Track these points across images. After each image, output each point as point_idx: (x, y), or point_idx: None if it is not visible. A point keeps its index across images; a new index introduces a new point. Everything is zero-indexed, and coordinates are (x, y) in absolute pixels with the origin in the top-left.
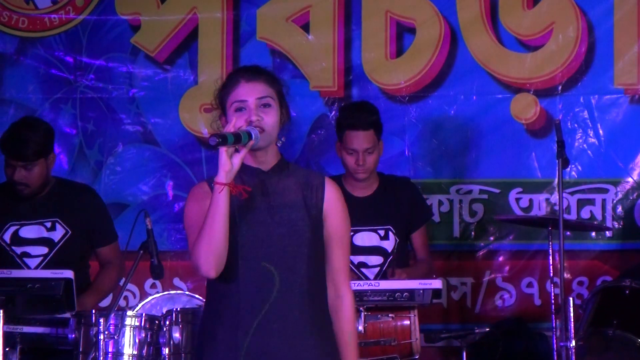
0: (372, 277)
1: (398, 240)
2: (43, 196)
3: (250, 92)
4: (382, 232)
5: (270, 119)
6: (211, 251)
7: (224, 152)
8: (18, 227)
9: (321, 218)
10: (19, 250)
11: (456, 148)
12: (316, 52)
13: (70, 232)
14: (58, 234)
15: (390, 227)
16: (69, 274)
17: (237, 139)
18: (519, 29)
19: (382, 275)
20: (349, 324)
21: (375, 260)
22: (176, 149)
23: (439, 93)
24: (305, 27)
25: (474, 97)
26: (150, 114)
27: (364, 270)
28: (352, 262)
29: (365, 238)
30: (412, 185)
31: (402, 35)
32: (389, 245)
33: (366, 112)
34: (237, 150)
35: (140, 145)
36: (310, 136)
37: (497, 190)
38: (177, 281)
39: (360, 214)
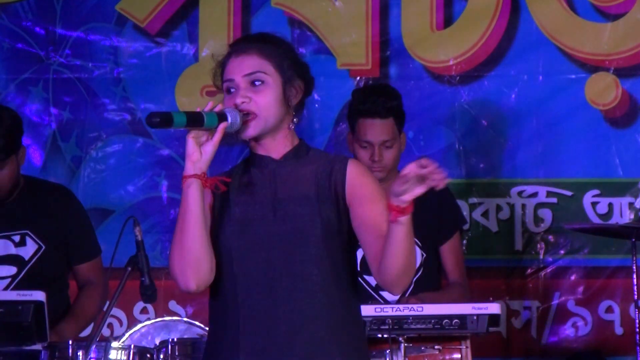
0: (393, 301)
1: (425, 255)
2: (10, 202)
3: (237, 69)
4: None
5: (262, 98)
6: (185, 260)
7: (190, 139)
8: None
9: (344, 210)
10: None
11: (518, 140)
12: (345, 22)
13: (44, 246)
14: (29, 249)
15: (416, 240)
16: (39, 295)
17: (195, 121)
18: None
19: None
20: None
21: None
22: (172, 141)
23: (497, 72)
24: None
25: (540, 78)
26: (140, 98)
27: (383, 293)
28: (369, 284)
29: None
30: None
31: (451, 0)
32: None
33: (384, 95)
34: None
35: (127, 136)
36: (338, 126)
37: (569, 193)
38: (173, 305)
39: None
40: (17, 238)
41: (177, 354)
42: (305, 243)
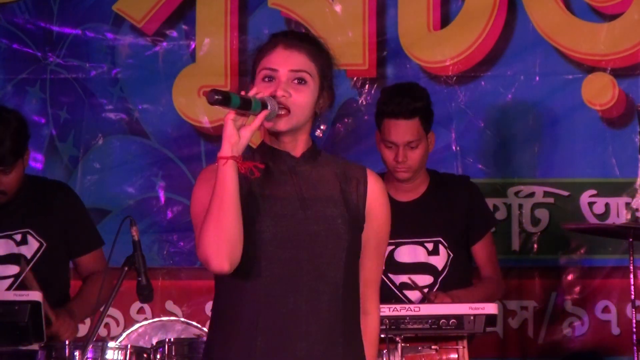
0: (417, 301)
1: (452, 255)
2: (9, 202)
3: (284, 62)
4: (430, 246)
5: (302, 98)
6: (222, 237)
7: (230, 121)
8: None
9: (362, 218)
10: None
11: (515, 141)
12: (342, 22)
13: (45, 244)
14: (31, 248)
15: (441, 239)
16: (36, 295)
17: (245, 104)
18: None
19: (423, 301)
20: (371, 347)
21: (423, 280)
22: (169, 141)
23: (494, 73)
24: None
25: (537, 78)
26: (138, 98)
27: (407, 292)
28: (393, 283)
29: (410, 253)
30: (471, 186)
31: (448, 0)
32: (439, 261)
33: (410, 96)
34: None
35: (125, 137)
36: (335, 125)
37: (566, 193)
38: (170, 305)
39: (404, 222)
40: (18, 237)
41: (174, 354)
42: (335, 245)
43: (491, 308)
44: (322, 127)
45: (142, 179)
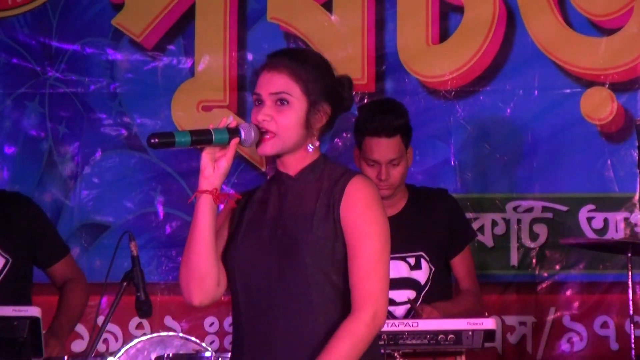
0: (400, 316)
1: (433, 269)
2: None
3: (266, 85)
4: (412, 260)
5: (285, 119)
6: (190, 274)
7: (204, 154)
8: None
9: (339, 229)
10: None
11: (514, 155)
12: (341, 36)
13: (11, 259)
14: None
15: (423, 254)
16: (35, 311)
17: (202, 139)
18: (591, 7)
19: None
20: (341, 337)
21: (405, 295)
22: (168, 156)
23: (493, 87)
24: (328, 5)
25: (536, 93)
26: (136, 112)
27: (391, 308)
28: None
29: (392, 268)
30: (449, 199)
31: (447, 15)
32: (421, 275)
33: (392, 113)
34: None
35: (123, 151)
36: (334, 140)
37: (565, 208)
38: (169, 320)
39: None
40: None
41: None
42: (297, 263)
43: (489, 323)
44: (316, 144)
45: (141, 193)
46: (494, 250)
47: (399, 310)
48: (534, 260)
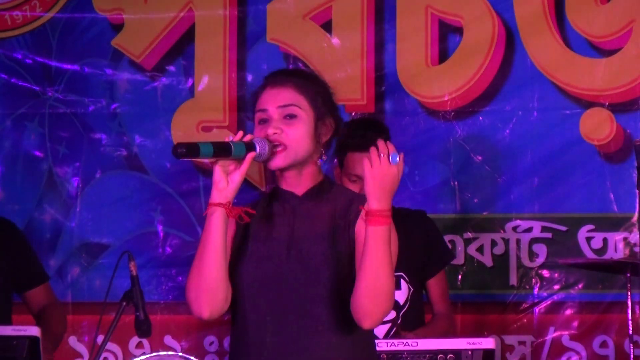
0: (381, 335)
1: (412, 289)
2: None
3: (272, 100)
4: None
5: (295, 132)
6: (202, 287)
7: (217, 167)
8: None
9: (352, 248)
10: None
11: (513, 175)
12: (340, 57)
13: None
14: None
15: (403, 274)
16: (34, 330)
17: (222, 151)
18: (591, 28)
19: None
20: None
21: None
22: (168, 176)
23: (492, 108)
24: (327, 26)
25: (535, 113)
26: (136, 133)
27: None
28: None
29: None
30: (427, 221)
31: (446, 36)
32: (401, 296)
33: (373, 129)
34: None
35: (123, 172)
36: (333, 162)
37: (564, 228)
38: (168, 339)
39: None
40: None
41: None
42: (315, 283)
43: (489, 343)
44: (323, 157)
45: (141, 213)
46: (493, 270)
47: (380, 330)
48: (533, 280)
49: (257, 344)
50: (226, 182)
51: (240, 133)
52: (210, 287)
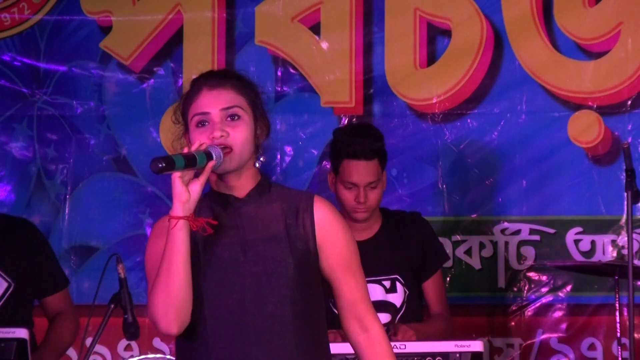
0: None
1: (408, 292)
2: None
3: (213, 102)
4: (387, 284)
5: (240, 134)
6: (170, 302)
7: (177, 179)
8: None
9: (313, 250)
10: None
11: (501, 178)
12: (329, 60)
13: (13, 284)
14: None
15: (398, 277)
16: (22, 333)
17: (190, 162)
18: (579, 30)
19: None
20: (388, 358)
21: (381, 318)
22: (157, 178)
23: (480, 110)
24: (316, 29)
25: (523, 116)
26: (125, 135)
27: None
28: None
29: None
30: (422, 222)
31: (434, 38)
32: (397, 299)
33: (370, 136)
34: (196, 176)
35: (112, 174)
36: (322, 164)
37: (552, 230)
38: (157, 342)
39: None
40: None
41: None
42: (277, 284)
43: (477, 345)
44: (261, 159)
45: (130, 216)
46: (481, 273)
47: None
48: (521, 283)
49: (220, 349)
50: (188, 194)
51: (197, 142)
52: (178, 301)
